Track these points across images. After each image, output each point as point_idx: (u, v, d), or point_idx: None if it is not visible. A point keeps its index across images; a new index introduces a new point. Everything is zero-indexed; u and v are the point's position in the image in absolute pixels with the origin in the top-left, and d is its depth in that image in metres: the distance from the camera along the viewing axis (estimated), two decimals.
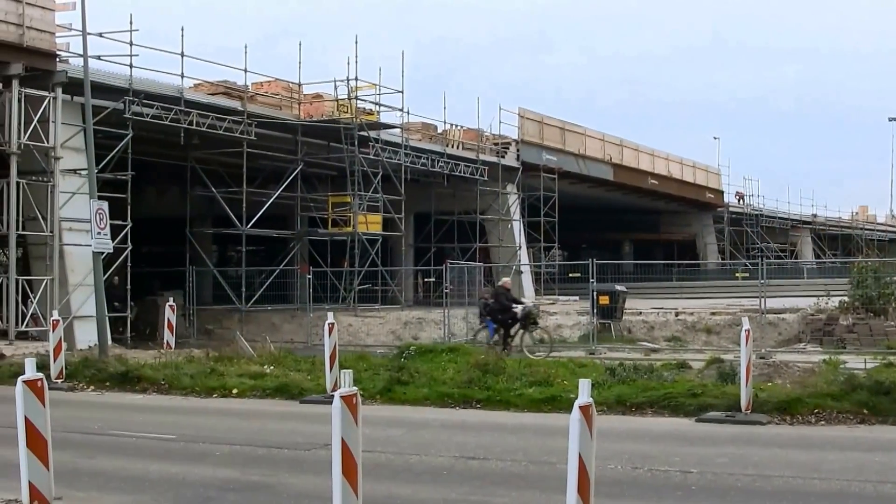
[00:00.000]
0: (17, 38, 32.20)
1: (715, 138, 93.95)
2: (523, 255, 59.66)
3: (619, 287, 43.80)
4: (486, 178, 56.16)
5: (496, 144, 58.72)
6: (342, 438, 9.82)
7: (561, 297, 55.21)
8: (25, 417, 11.03)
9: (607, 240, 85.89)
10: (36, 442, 11.06)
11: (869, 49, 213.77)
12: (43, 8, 33.10)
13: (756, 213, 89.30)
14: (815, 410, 19.62)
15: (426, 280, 55.79)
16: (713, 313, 43.36)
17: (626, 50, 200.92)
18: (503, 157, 58.41)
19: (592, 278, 41.05)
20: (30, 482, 10.95)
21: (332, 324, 23.29)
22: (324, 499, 11.19)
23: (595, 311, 40.75)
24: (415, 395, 22.91)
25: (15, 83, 32.66)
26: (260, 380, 25.17)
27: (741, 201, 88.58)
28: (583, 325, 42.88)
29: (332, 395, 10.26)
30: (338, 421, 9.82)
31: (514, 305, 35.10)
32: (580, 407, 9.59)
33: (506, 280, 37.60)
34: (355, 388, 10.11)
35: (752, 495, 13.53)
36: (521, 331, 34.71)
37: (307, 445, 17.33)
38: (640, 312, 44.33)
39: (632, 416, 20.46)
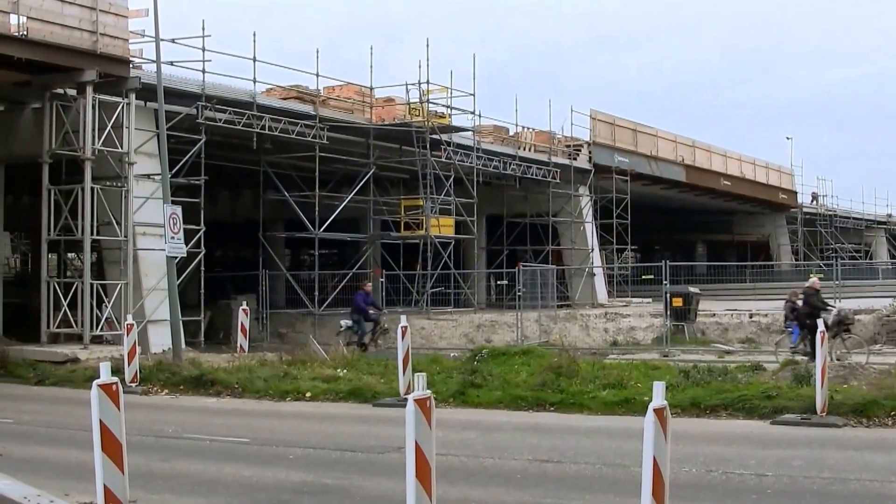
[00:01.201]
0: (91, 45, 32.44)
1: (788, 138, 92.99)
2: (596, 258, 59.42)
3: (692, 289, 43.55)
4: (558, 181, 56.03)
5: (568, 147, 58.54)
6: (416, 441, 9.82)
7: (634, 300, 55.00)
8: (100, 421, 11.09)
9: (680, 241, 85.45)
10: (111, 445, 11.12)
11: None
12: (116, 15, 33.32)
13: (830, 213, 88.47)
14: (892, 413, 19.40)
15: (499, 283, 55.75)
16: None
17: (695, 50, 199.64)
18: (575, 159, 58.23)
19: (666, 280, 40.83)
20: (105, 485, 11.02)
21: (405, 327, 23.32)
22: (397, 502, 11.21)
23: (668, 313, 40.48)
24: (488, 398, 22.89)
25: (89, 89, 32.92)
26: (333, 383, 25.23)
27: (815, 202, 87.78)
28: (656, 327, 42.65)
29: (406, 399, 10.26)
30: (411, 424, 9.82)
31: (824, 308, 32.45)
32: (654, 409, 9.54)
33: (814, 280, 34.49)
34: (429, 391, 10.10)
35: (828, 498, 13.41)
36: (834, 338, 31.42)
37: (380, 448, 17.35)
38: (714, 314, 44.06)
39: (706, 419, 20.33)
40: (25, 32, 30.61)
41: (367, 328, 38.37)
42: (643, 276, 56.75)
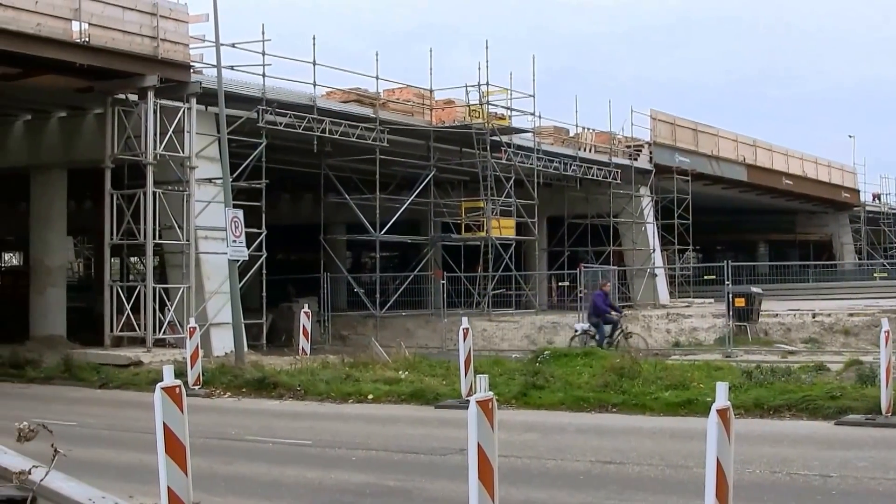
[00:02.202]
0: (152, 51, 32.65)
1: (850, 136, 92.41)
2: (657, 258, 59.24)
3: (754, 289, 43.29)
4: (618, 181, 55.90)
5: (628, 147, 58.38)
6: (478, 443, 9.79)
7: (696, 300, 54.72)
8: (164, 423, 11.13)
9: (742, 241, 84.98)
10: (174, 448, 11.17)
11: None
12: (177, 20, 33.52)
13: (893, 211, 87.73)
14: None
15: (560, 284, 55.64)
16: (851, 314, 42.64)
17: (748, 47, 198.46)
18: (636, 159, 58.06)
19: (728, 280, 40.60)
20: (168, 487, 11.05)
21: (467, 328, 23.29)
22: None
23: (731, 313, 40.22)
24: (550, 400, 22.83)
25: (150, 94, 33.13)
26: (395, 385, 25.24)
27: (878, 200, 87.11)
28: (718, 327, 42.42)
29: (468, 400, 10.24)
30: (474, 426, 9.79)
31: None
32: (718, 410, 9.46)
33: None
34: (491, 392, 10.07)
35: (894, 500, 13.28)
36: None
37: (443, 450, 17.34)
38: (777, 314, 43.78)
39: (769, 420, 20.17)
40: (87, 39, 30.84)
41: (606, 331, 36.36)
42: (705, 277, 56.52)
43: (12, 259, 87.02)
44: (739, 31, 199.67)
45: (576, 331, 37.41)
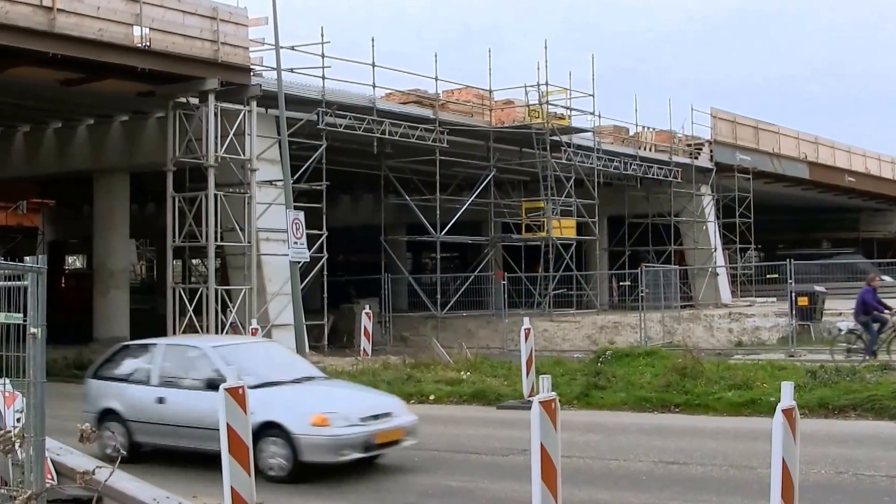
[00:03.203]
0: (213, 54, 32.81)
1: None
2: (719, 257, 58.89)
3: (818, 287, 42.90)
4: (679, 180, 55.63)
5: (689, 146, 58.10)
6: (541, 443, 9.78)
7: (758, 299, 54.36)
8: (227, 424, 11.21)
9: (804, 239, 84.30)
10: (237, 448, 11.24)
11: None
12: (237, 24, 33.66)
13: None
14: None
15: (621, 284, 55.47)
16: None
17: (807, 43, 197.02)
18: (696, 158, 57.77)
19: (790, 279, 40.25)
20: (232, 487, 11.13)
21: (529, 329, 23.28)
22: None
23: (794, 312, 39.88)
24: (612, 400, 22.79)
25: (211, 98, 33.29)
26: (456, 386, 25.27)
27: None
28: (781, 326, 42.13)
29: (530, 401, 10.25)
30: (536, 426, 9.78)
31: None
32: (783, 410, 9.40)
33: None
34: (553, 393, 10.06)
35: None
36: None
37: (505, 451, 17.34)
38: (840, 313, 43.37)
39: (834, 420, 20.03)
40: (148, 43, 31.04)
41: (874, 331, 32.26)
42: (767, 276, 56.07)
43: (76, 262, 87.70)
44: (796, 26, 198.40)
45: (840, 330, 35.49)
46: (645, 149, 55.69)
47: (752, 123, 61.99)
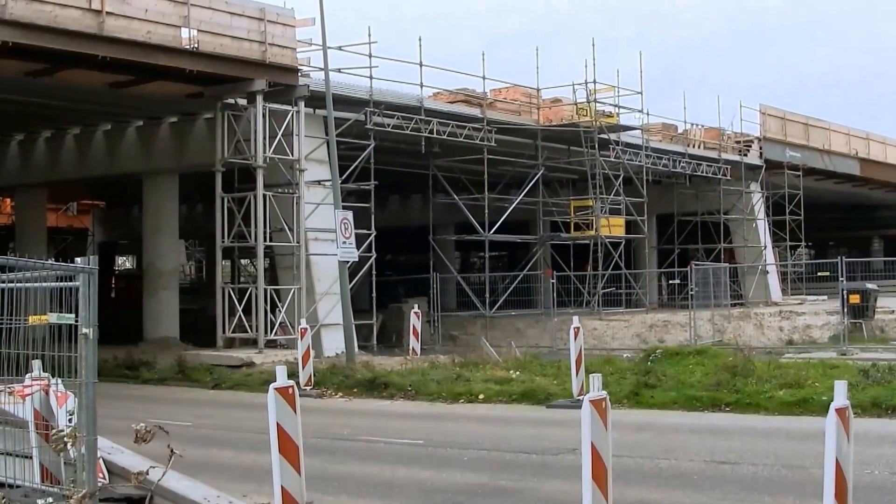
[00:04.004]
0: (261, 56, 32.94)
1: None
2: (769, 255, 58.61)
3: (869, 285, 42.61)
4: (728, 178, 55.40)
5: (738, 143, 57.86)
6: (591, 443, 9.75)
7: (809, 297, 54.06)
8: (277, 423, 11.21)
9: (856, 237, 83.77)
10: (288, 447, 11.24)
11: None
12: (284, 25, 33.77)
13: None
14: None
15: (670, 282, 55.25)
16: None
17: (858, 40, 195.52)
18: (745, 155, 57.53)
19: (842, 277, 39.97)
20: (282, 486, 11.13)
21: (578, 327, 23.22)
22: None
23: (845, 310, 39.63)
24: (662, 399, 22.67)
25: (259, 98, 33.43)
26: (506, 385, 25.20)
27: None
28: (832, 325, 41.90)
29: (579, 400, 10.22)
30: (587, 425, 9.75)
31: None
32: (836, 409, 9.31)
33: None
34: (604, 392, 10.02)
35: None
36: None
37: (555, 450, 17.27)
38: (893, 311, 43.14)
39: (888, 419, 19.83)
40: (196, 45, 31.21)
41: None
42: (818, 273, 55.73)
43: (125, 263, 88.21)
44: (845, 23, 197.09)
45: None
46: (694, 146, 55.50)
47: (801, 120, 61.65)
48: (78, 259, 11.13)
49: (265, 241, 34.45)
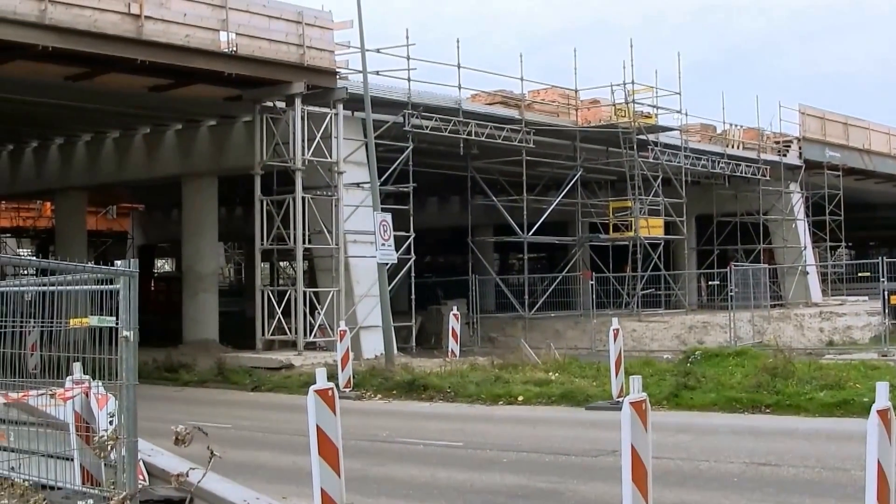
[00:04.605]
0: (299, 58, 33.00)
1: None
2: (809, 256, 58.32)
3: None
4: (768, 178, 55.16)
5: (777, 143, 57.58)
6: (631, 444, 9.72)
7: (849, 298, 53.78)
8: (317, 426, 11.22)
9: None
10: (327, 449, 11.24)
11: None
12: (322, 27, 33.83)
13: None
14: None
15: (710, 283, 55.12)
16: None
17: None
18: (785, 155, 57.26)
19: (883, 277, 39.73)
20: (322, 488, 11.14)
21: (617, 329, 23.19)
22: None
23: (886, 311, 39.36)
24: (702, 401, 22.60)
25: (297, 101, 33.50)
26: (545, 387, 25.19)
27: None
28: (874, 326, 41.69)
29: (619, 402, 10.20)
30: (627, 427, 9.72)
31: None
32: (878, 411, 9.25)
33: None
34: (644, 393, 9.99)
35: None
36: None
37: (594, 452, 17.24)
38: None
39: None
40: (235, 48, 31.30)
41: None
42: (859, 274, 55.49)
43: (164, 266, 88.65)
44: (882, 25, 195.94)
45: None
46: (733, 147, 55.29)
47: (841, 119, 61.29)
48: (118, 262, 11.19)
49: (304, 243, 34.49)
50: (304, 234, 34.31)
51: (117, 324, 10.75)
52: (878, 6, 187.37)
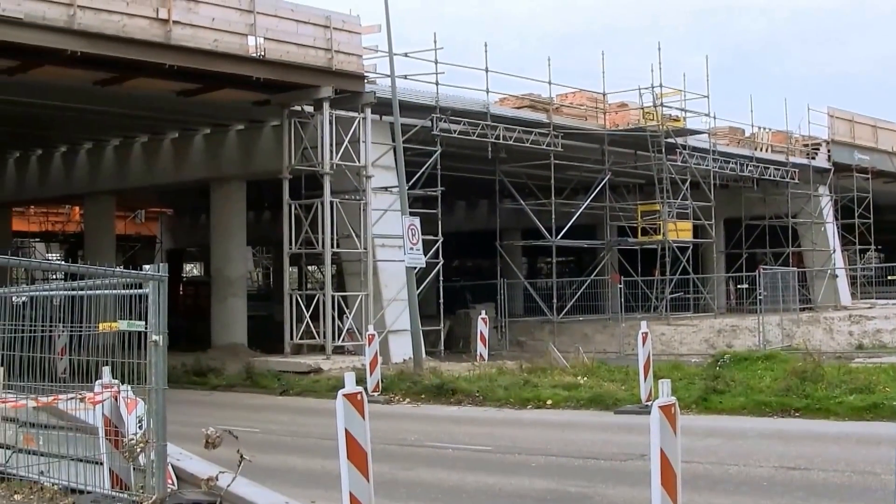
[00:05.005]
0: (327, 63, 33.06)
1: None
2: (838, 259, 58.12)
3: None
4: (796, 181, 55.03)
5: (806, 146, 57.44)
6: (661, 448, 9.69)
7: (879, 301, 53.52)
8: (346, 430, 11.21)
9: None
10: (356, 453, 11.24)
11: None
12: (350, 32, 33.89)
13: None
14: None
15: (738, 287, 54.92)
16: None
17: None
18: (813, 158, 57.10)
19: None
20: (350, 493, 11.13)
21: (646, 333, 23.12)
22: None
23: None
24: (731, 404, 22.51)
25: (325, 105, 33.55)
26: (574, 391, 25.14)
27: None
28: None
29: (648, 405, 10.17)
30: (656, 431, 9.70)
31: None
32: None
33: None
34: (673, 397, 9.97)
35: None
36: None
37: (623, 456, 17.20)
38: None
39: None
40: (263, 53, 31.38)
41: None
42: (888, 277, 55.23)
43: (193, 270, 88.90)
44: None
45: None
46: (761, 150, 55.17)
47: (870, 122, 61.10)
48: (147, 266, 11.23)
49: (332, 247, 34.54)
50: (332, 238, 34.35)
51: (146, 328, 10.79)
52: (879, 7, 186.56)
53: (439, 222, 37.72)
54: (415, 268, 31.61)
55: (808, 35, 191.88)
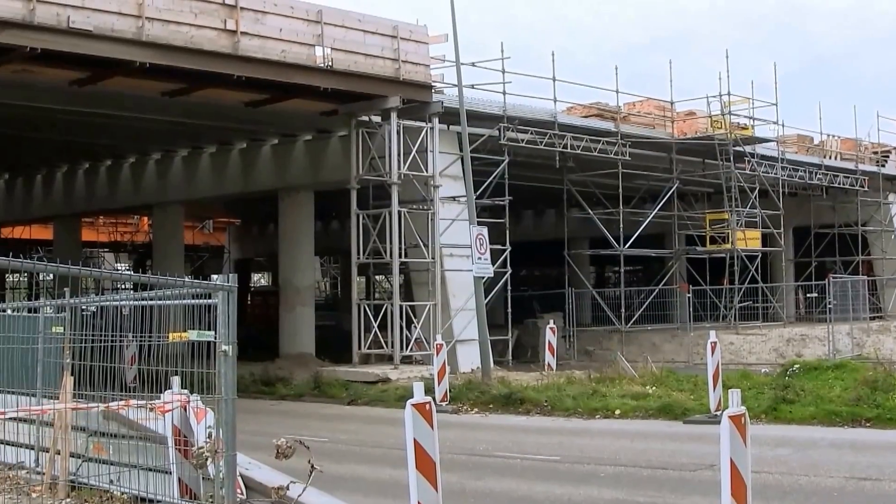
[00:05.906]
0: (394, 73, 33.13)
1: None
2: None
3: None
4: (866, 189, 54.58)
5: (875, 153, 56.98)
6: (731, 458, 9.65)
7: None
8: (414, 439, 11.23)
9: None
10: (425, 463, 11.25)
11: None
12: (417, 42, 33.94)
13: None
14: None
15: (808, 296, 54.52)
16: None
17: None
18: (883, 165, 56.65)
19: None
20: (419, 502, 11.15)
21: (715, 342, 23.01)
22: None
23: None
24: (801, 414, 22.34)
25: (393, 115, 33.62)
26: (642, 400, 25.05)
27: None
28: None
29: (717, 415, 10.12)
30: (726, 441, 9.65)
31: None
32: None
33: None
34: (743, 407, 9.91)
35: None
36: None
37: (692, 466, 17.11)
38: None
39: None
40: (330, 63, 31.48)
41: None
42: None
43: (261, 280, 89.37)
44: None
45: None
46: (830, 157, 54.74)
47: None
48: (215, 276, 11.29)
49: (400, 257, 34.59)
50: (400, 248, 34.40)
51: (216, 338, 10.85)
52: None
53: (507, 232, 37.70)
54: (482, 277, 31.58)
55: (878, 41, 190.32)
